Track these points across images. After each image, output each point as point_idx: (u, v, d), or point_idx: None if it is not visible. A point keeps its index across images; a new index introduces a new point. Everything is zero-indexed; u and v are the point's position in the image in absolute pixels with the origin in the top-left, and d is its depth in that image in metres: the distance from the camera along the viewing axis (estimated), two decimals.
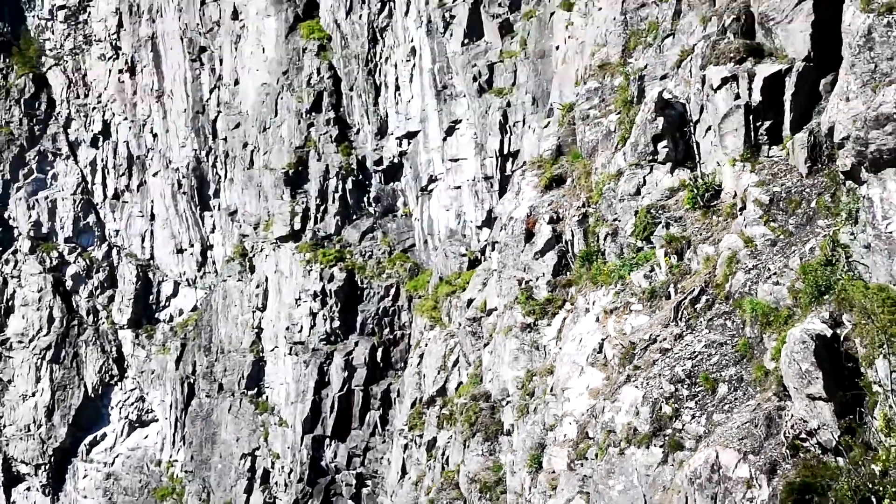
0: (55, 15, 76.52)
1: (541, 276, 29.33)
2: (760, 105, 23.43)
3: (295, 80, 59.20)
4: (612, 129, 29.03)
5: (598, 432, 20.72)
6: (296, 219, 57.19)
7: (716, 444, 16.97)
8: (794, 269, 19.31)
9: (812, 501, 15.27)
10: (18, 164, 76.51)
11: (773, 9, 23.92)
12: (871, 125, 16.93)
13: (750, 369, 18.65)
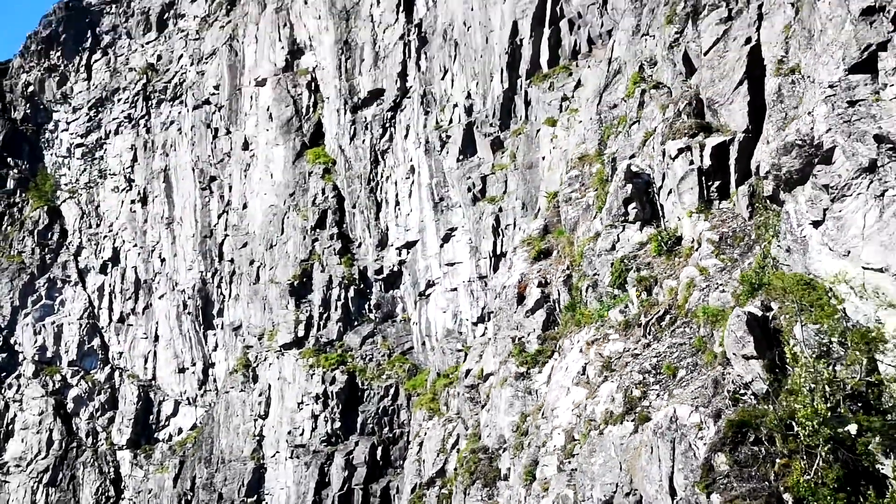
0: (72, 152, 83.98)
1: (532, 331, 34.09)
2: (711, 168, 29.22)
3: (301, 200, 65.49)
4: (590, 204, 34.72)
5: (581, 426, 25.02)
6: (299, 326, 61.82)
7: (674, 404, 21.46)
8: (736, 279, 24.37)
9: (748, 433, 19.68)
10: (28, 291, 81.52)
11: (717, 94, 30.21)
12: (782, 153, 22.56)
13: (703, 357, 23.35)
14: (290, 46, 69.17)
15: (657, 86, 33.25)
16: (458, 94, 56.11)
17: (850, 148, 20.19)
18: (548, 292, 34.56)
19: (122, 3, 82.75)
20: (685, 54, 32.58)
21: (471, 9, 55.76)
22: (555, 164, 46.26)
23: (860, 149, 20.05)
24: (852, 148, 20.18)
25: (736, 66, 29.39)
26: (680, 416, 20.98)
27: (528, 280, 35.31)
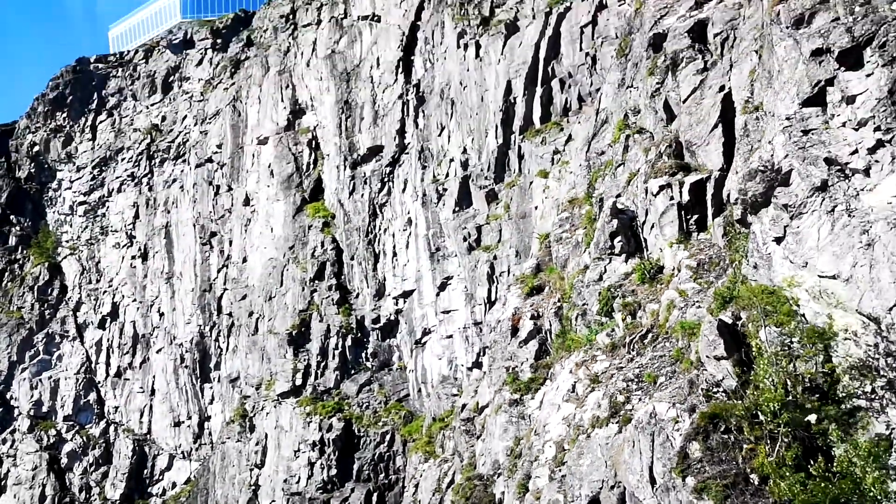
0: (75, 210, 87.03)
1: (525, 360, 36.64)
2: (689, 203, 32.28)
3: (300, 253, 68.36)
4: (579, 241, 37.68)
5: (571, 433, 27.43)
6: (297, 375, 64.00)
7: (653, 402, 24.01)
8: (710, 296, 27.16)
9: (719, 423, 22.23)
10: (26, 347, 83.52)
11: (695, 137, 33.49)
12: (747, 179, 25.63)
13: (680, 365, 25.97)
14: (292, 106, 72.92)
15: (640, 131, 36.56)
16: (455, 150, 59.53)
17: (805, 171, 23.24)
18: (540, 324, 37.22)
19: (129, 66, 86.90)
20: (665, 102, 35.96)
21: (466, 69, 59.61)
22: (547, 213, 49.41)
23: (813, 171, 23.10)
24: (806, 171, 23.23)
25: (711, 112, 32.71)
26: (658, 412, 23.50)
27: (521, 313, 38.00)
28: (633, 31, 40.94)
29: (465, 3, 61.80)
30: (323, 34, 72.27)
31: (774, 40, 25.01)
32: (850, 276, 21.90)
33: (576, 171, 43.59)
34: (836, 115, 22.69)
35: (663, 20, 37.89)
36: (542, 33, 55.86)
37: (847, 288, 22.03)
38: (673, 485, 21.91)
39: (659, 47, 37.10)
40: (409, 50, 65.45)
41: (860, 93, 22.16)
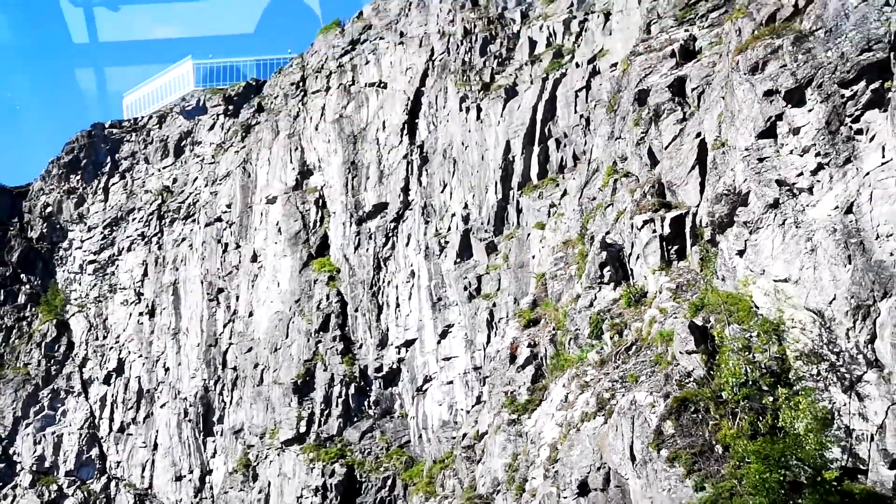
0: (85, 269, 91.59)
1: (522, 384, 40.75)
2: (670, 235, 36.97)
3: (306, 306, 72.64)
4: (572, 276, 42.22)
5: (563, 431, 31.46)
6: (301, 423, 67.53)
7: (633, 393, 28.21)
8: (685, 307, 31.59)
9: (689, 405, 26.43)
10: (31, 402, 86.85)
11: (675, 178, 38.37)
12: (714, 202, 30.37)
13: (660, 366, 30.21)
14: (301, 167, 78.23)
15: (627, 175, 41.51)
16: (456, 205, 64.52)
17: (760, 192, 27.99)
18: (536, 351, 41.46)
19: (143, 131, 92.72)
20: (649, 149, 41.01)
21: (468, 130, 65.10)
22: (543, 260, 54.03)
23: (767, 192, 27.85)
24: (762, 191, 27.98)
25: (689, 155, 37.68)
26: (638, 399, 27.70)
27: (519, 342, 42.29)
28: (622, 89, 46.30)
29: (467, 70, 67.71)
30: (331, 100, 78.06)
31: (735, 85, 30.09)
32: (799, 278, 26.39)
33: (569, 216, 48.38)
34: (785, 144, 27.54)
35: (647, 78, 43.21)
36: (539, 97, 61.42)
37: (796, 288, 26.50)
38: (650, 457, 25.94)
39: (643, 101, 42.31)
40: (413, 113, 71.10)
41: (803, 125, 27.06)
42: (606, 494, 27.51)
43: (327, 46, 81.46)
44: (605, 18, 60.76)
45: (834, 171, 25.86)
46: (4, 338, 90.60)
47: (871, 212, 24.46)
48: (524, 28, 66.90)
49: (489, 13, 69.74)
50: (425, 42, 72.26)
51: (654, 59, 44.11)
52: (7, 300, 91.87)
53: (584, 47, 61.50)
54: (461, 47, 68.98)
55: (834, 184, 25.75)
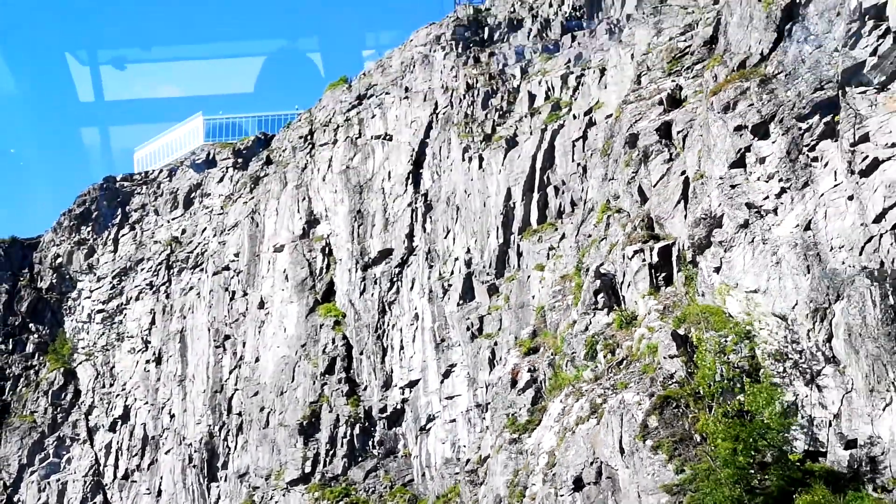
0: (93, 318, 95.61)
1: (523, 406, 44.63)
2: (658, 263, 41.27)
3: (312, 350, 76.49)
4: (569, 305, 46.38)
5: (560, 436, 35.30)
6: (307, 463, 70.83)
7: (622, 393, 32.20)
8: (670, 322, 35.73)
9: (671, 402, 30.40)
10: (36, 450, 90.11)
11: (663, 212, 42.84)
12: (694, 226, 34.79)
13: (647, 373, 34.23)
14: (308, 217, 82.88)
15: (619, 211, 46.01)
16: (459, 250, 68.88)
17: (733, 214, 32.41)
18: (536, 375, 45.43)
19: (153, 184, 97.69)
20: (639, 187, 45.58)
21: (471, 179, 69.83)
22: (542, 300, 58.10)
23: (738, 214, 32.27)
24: (734, 214, 32.40)
25: (675, 191, 42.21)
26: (626, 399, 31.71)
27: (519, 367, 46.27)
28: (614, 134, 51.08)
29: (469, 122, 72.78)
30: (339, 152, 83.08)
31: (710, 122, 34.75)
32: (766, 288, 30.62)
33: (567, 254, 52.71)
34: (753, 172, 32.04)
35: (637, 123, 47.98)
36: (538, 147, 66.21)
37: (764, 297, 30.70)
38: (636, 448, 29.82)
39: (634, 144, 47.01)
40: (418, 164, 75.91)
41: (768, 155, 31.61)
42: (599, 486, 31.28)
43: (334, 101, 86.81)
44: (601, 74, 65.78)
45: (794, 194, 30.31)
46: (12, 386, 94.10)
47: (825, 227, 28.81)
48: (524, 83, 72.08)
49: (490, 69, 75.07)
50: (429, 96, 77.46)
51: (643, 106, 48.94)
52: (15, 349, 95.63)
53: (580, 100, 66.43)
54: (464, 101, 74.10)
55: (794, 205, 30.17)
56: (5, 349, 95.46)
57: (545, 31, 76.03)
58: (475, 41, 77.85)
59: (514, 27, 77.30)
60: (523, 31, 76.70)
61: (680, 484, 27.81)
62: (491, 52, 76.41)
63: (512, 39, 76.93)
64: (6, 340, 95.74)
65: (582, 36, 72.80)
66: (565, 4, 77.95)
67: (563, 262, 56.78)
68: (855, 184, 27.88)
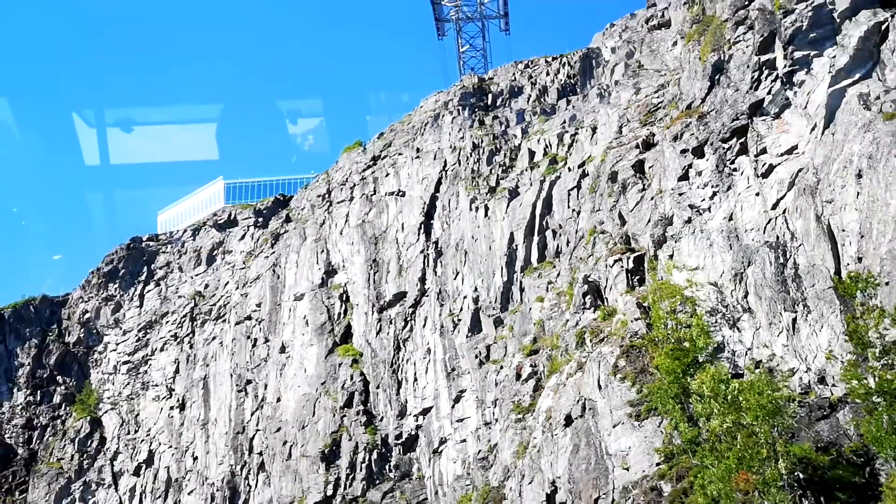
0: (118, 369, 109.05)
1: (526, 394, 58.33)
2: (633, 269, 55.57)
3: (331, 387, 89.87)
4: (563, 311, 60.43)
5: (556, 395, 48.98)
6: (328, 486, 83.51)
7: (600, 348, 46.14)
8: (636, 300, 49.79)
9: (635, 349, 44.32)
10: (63, 495, 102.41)
11: (637, 230, 57.46)
12: (653, 227, 49.30)
13: (619, 335, 48.10)
14: (326, 267, 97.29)
15: (603, 232, 60.58)
16: (468, 289, 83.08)
17: (680, 214, 46.97)
18: (536, 368, 59.19)
19: (177, 243, 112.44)
20: (619, 212, 60.21)
21: (477, 226, 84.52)
22: (542, 316, 72.02)
23: (684, 213, 46.82)
24: (681, 214, 46.96)
25: (647, 213, 56.77)
26: (603, 351, 45.79)
27: (522, 364, 60.13)
28: (600, 174, 66.01)
29: (475, 177, 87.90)
30: (355, 208, 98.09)
31: (665, 149, 49.63)
32: (703, 265, 44.91)
33: (562, 275, 67.00)
34: (694, 183, 46.72)
35: (618, 163, 62.93)
36: (538, 196, 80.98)
37: (702, 272, 44.96)
38: (609, 382, 43.63)
39: (615, 179, 61.86)
40: (429, 215, 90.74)
41: (703, 169, 46.35)
42: (583, 417, 44.89)
43: (350, 163, 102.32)
44: (592, 131, 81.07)
45: (721, 195, 44.90)
46: (39, 435, 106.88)
47: (741, 216, 43.27)
48: (524, 141, 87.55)
49: (494, 130, 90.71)
50: (439, 155, 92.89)
51: (623, 150, 63.99)
52: (43, 400, 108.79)
53: (574, 155, 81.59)
54: (470, 158, 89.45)
55: (721, 203, 44.72)
56: (33, 401, 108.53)
57: (543, 97, 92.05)
58: (480, 106, 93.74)
59: (514, 93, 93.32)
60: (523, 96, 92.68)
61: (639, 399, 41.45)
62: (494, 116, 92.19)
63: (513, 104, 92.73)
64: (34, 392, 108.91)
65: (576, 100, 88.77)
66: (561, 73, 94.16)
67: (558, 292, 70.93)
68: (759, 184, 42.47)
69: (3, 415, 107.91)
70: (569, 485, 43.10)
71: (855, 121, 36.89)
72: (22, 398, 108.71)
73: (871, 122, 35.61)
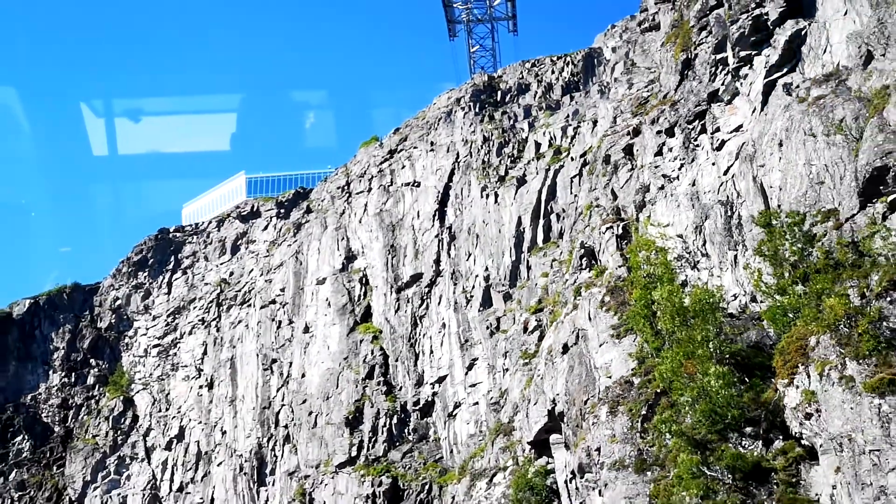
0: (149, 352, 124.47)
1: (533, 343, 73.45)
2: (622, 234, 70.77)
3: (353, 361, 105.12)
4: (563, 273, 75.59)
5: (555, 333, 64.19)
6: (353, 448, 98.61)
7: (591, 290, 61.39)
8: (621, 251, 65.05)
9: (618, 287, 59.51)
10: (99, 468, 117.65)
11: (626, 203, 72.78)
12: (635, 194, 64.67)
13: (605, 280, 63.29)
14: (346, 253, 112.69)
15: (598, 206, 75.75)
16: (479, 269, 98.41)
17: (656, 182, 62.42)
18: (540, 322, 74.28)
19: (203, 234, 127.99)
20: (612, 189, 75.37)
21: (488, 212, 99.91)
22: (546, 282, 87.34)
23: (659, 182, 62.29)
24: (656, 182, 62.41)
25: (634, 188, 72.03)
26: (592, 291, 60.81)
27: (528, 319, 75.23)
28: (596, 159, 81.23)
29: (486, 167, 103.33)
30: (373, 198, 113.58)
31: (644, 132, 64.91)
32: (672, 222, 60.10)
33: (563, 247, 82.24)
34: (666, 157, 62.03)
35: (612, 148, 78.07)
36: (543, 184, 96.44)
37: (672, 228, 60.16)
38: (597, 314, 58.77)
39: (608, 161, 77.08)
40: (442, 203, 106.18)
41: (674, 146, 61.63)
42: (577, 345, 59.96)
43: (368, 156, 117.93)
44: (593, 124, 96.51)
45: (687, 167, 60.16)
46: (74, 414, 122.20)
47: (701, 182, 58.48)
48: (531, 134, 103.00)
49: (503, 124, 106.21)
50: (451, 148, 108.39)
51: (616, 136, 79.22)
52: (77, 382, 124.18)
53: (577, 146, 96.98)
54: (481, 151, 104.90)
55: (687, 173, 59.97)
56: (68, 382, 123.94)
57: (548, 93, 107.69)
58: (490, 102, 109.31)
59: (522, 90, 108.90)
60: (530, 93, 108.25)
61: (619, 323, 56.52)
62: (503, 111, 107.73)
63: (521, 100, 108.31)
64: (69, 374, 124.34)
65: (578, 96, 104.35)
66: (565, 71, 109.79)
67: (561, 257, 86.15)
68: (714, 155, 57.73)
69: (40, 395, 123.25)
70: (565, 397, 58.14)
71: (780, 104, 52.04)
72: (57, 380, 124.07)
73: (790, 104, 50.72)
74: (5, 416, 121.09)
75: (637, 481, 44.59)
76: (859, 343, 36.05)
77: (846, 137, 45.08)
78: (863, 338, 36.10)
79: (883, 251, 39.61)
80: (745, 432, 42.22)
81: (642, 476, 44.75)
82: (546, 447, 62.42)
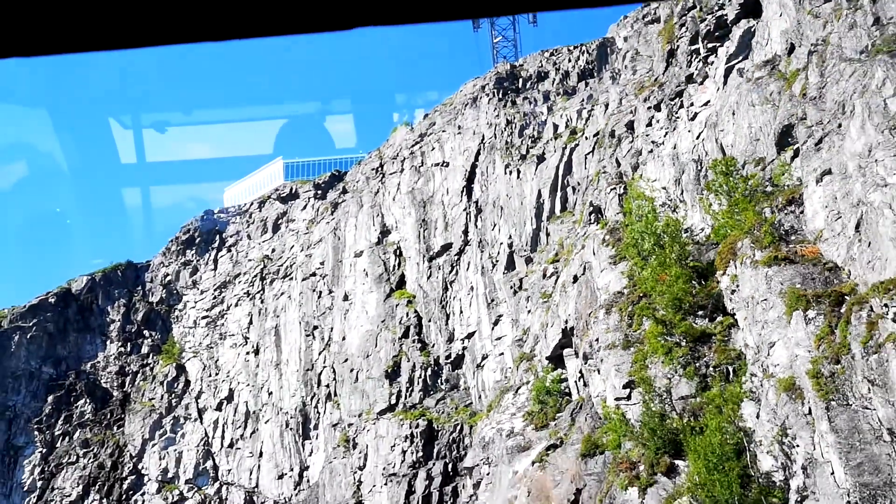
0: (198, 323, 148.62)
1: (550, 286, 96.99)
2: (623, 193, 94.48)
3: (390, 323, 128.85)
4: (576, 230, 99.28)
5: (568, 268, 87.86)
6: (392, 397, 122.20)
7: (597, 237, 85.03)
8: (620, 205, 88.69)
9: (616, 229, 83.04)
10: (156, 427, 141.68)
11: (628, 169, 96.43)
12: (631, 157, 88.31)
13: (607, 230, 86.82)
14: (381, 228, 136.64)
15: (605, 171, 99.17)
16: (503, 237, 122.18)
17: (646, 147, 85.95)
18: (557, 269, 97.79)
19: (245, 214, 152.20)
20: (616, 158, 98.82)
21: (511, 187, 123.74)
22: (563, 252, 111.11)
23: (648, 147, 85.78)
24: (647, 147, 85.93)
25: (634, 158, 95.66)
26: (597, 237, 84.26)
27: (546, 267, 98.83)
28: (604, 135, 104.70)
29: (509, 147, 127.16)
30: (405, 178, 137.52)
31: (638, 107, 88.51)
32: (658, 178, 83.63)
33: (577, 211, 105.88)
34: (655, 127, 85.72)
35: (617, 124, 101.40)
36: (560, 160, 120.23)
37: (658, 182, 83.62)
38: (601, 252, 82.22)
39: (614, 135, 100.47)
40: (469, 180, 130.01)
41: (661, 118, 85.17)
42: (584, 276, 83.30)
43: (400, 140, 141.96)
44: (605, 107, 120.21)
45: (671, 134, 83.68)
46: (131, 380, 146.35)
47: (680, 146, 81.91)
48: (549, 117, 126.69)
49: (524, 109, 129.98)
50: (477, 131, 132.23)
51: (620, 116, 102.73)
52: (132, 351, 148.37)
53: (591, 127, 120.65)
54: (504, 132, 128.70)
55: (670, 139, 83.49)
56: (124, 351, 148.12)
57: (565, 80, 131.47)
58: (512, 89, 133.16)
59: (541, 78, 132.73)
60: (549, 80, 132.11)
61: (616, 253, 79.87)
62: (524, 97, 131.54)
63: (540, 87, 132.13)
64: (125, 344, 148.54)
65: (593, 82, 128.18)
66: (581, 60, 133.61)
67: (574, 219, 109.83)
68: (690, 125, 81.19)
69: (99, 363, 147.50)
70: (575, 315, 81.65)
71: (735, 84, 75.48)
72: (114, 349, 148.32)
73: (741, 84, 74.17)
74: (68, 382, 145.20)
75: (623, 354, 68.16)
76: (762, 238, 59.44)
77: (773, 106, 68.56)
78: (765, 235, 59.51)
79: (788, 183, 63.11)
80: (697, 314, 65.73)
81: (627, 351, 68.26)
82: (561, 361, 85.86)
